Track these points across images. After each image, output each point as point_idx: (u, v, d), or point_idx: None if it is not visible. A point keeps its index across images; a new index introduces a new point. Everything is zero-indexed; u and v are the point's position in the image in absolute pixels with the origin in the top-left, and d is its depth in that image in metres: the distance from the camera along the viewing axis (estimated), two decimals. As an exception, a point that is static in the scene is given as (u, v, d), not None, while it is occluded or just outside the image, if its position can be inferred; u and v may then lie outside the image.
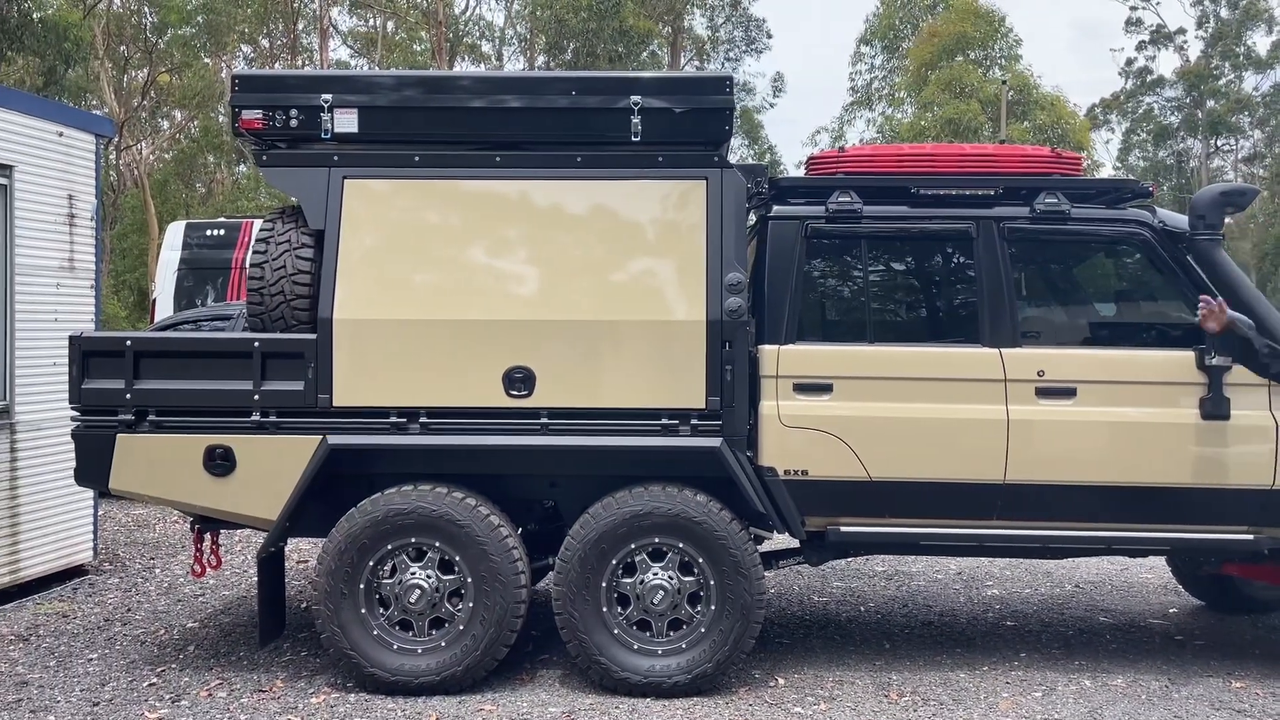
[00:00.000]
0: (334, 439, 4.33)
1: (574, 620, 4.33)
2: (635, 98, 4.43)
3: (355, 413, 4.36)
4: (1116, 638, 5.28)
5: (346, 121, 4.46)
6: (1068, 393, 4.43)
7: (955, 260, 4.74)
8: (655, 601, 4.35)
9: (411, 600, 4.32)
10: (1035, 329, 4.66)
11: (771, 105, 36.45)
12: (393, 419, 4.36)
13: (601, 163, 4.48)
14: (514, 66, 32.56)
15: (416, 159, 4.50)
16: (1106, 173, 36.68)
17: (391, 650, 4.33)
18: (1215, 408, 4.32)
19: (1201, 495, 4.38)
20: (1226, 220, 4.57)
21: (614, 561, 4.37)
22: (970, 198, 4.60)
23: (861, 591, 6.23)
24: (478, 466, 4.46)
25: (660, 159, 4.49)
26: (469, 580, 4.33)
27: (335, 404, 4.34)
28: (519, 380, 4.34)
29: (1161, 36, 41.90)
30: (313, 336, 4.35)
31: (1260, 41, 40.10)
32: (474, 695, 4.30)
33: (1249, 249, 37.74)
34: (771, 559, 4.85)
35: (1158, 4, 49.01)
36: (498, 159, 4.50)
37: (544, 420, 4.36)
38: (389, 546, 4.34)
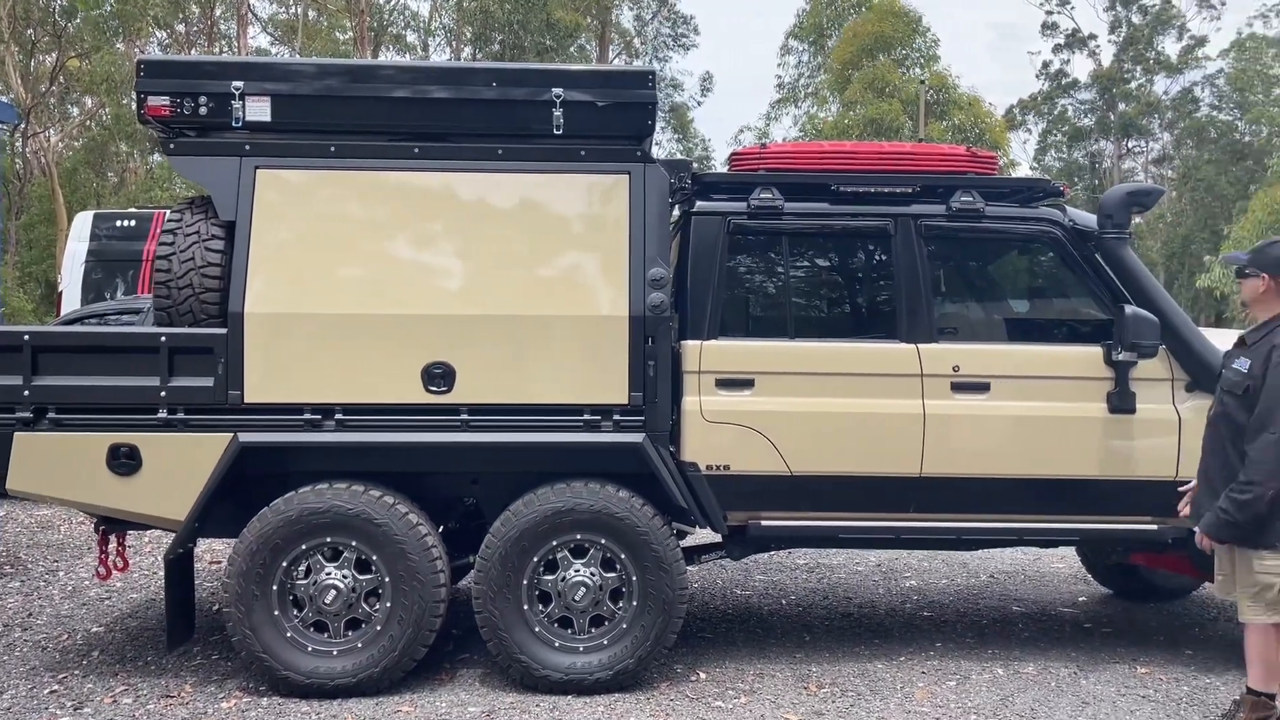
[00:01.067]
0: (245, 437, 4.21)
1: (494, 619, 4.28)
2: (557, 91, 4.39)
3: (268, 410, 4.24)
4: (1028, 626, 5.42)
5: (259, 110, 4.34)
6: (982, 387, 4.51)
7: (874, 257, 4.80)
8: (577, 598, 4.33)
9: (327, 601, 4.23)
10: (951, 325, 4.74)
11: (699, 104, 36.63)
12: (307, 416, 4.25)
13: (523, 156, 4.43)
14: (440, 58, 32.16)
15: (332, 149, 4.39)
16: (1024, 172, 37.64)
17: (306, 652, 4.23)
18: (1122, 402, 4.45)
19: (1109, 487, 4.51)
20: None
21: (535, 559, 4.33)
22: (889, 195, 4.65)
23: (783, 584, 6.29)
24: (396, 464, 4.38)
25: (583, 153, 4.46)
26: (386, 580, 4.25)
27: (246, 401, 4.22)
28: (438, 376, 4.27)
29: (1076, 41, 43.21)
30: (223, 331, 4.22)
31: (1170, 46, 41.64)
32: (392, 696, 4.23)
33: (1158, 248, 39.11)
34: (694, 554, 4.87)
35: (1072, 9, 50.35)
36: (416, 150, 4.42)
37: (464, 417, 4.30)
38: (303, 546, 4.24)
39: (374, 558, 4.25)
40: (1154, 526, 4.54)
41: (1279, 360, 3.64)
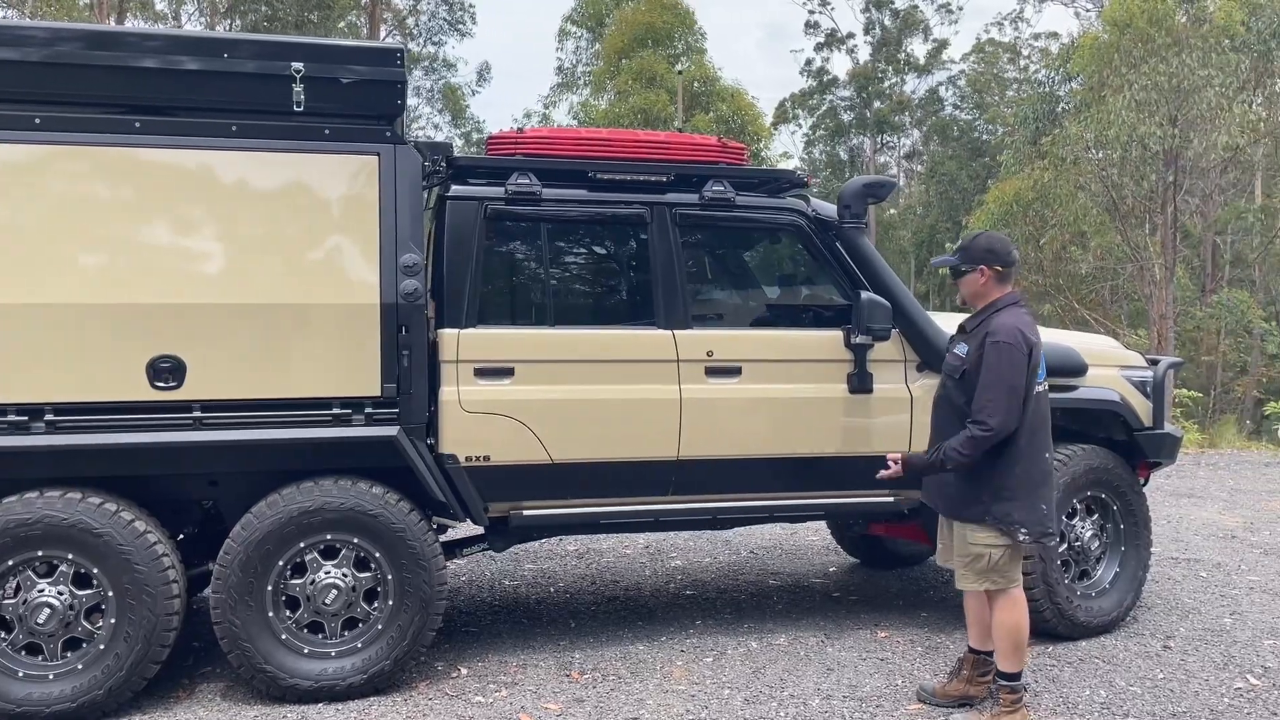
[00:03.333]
0: (-66, 443, 3.73)
1: (235, 628, 4.01)
2: (297, 65, 4.12)
3: (-39, 411, 3.77)
4: (782, 599, 5.67)
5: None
6: (734, 371, 4.65)
7: (631, 245, 4.83)
8: (328, 601, 4.13)
9: (40, 621, 3.83)
10: (705, 311, 4.85)
11: (477, 92, 35.99)
12: (11, 417, 3.82)
13: (259, 133, 4.14)
14: (193, 28, 29.97)
15: (37, 121, 3.94)
16: (794, 165, 39.51)
17: (16, 678, 3.82)
18: (860, 382, 4.71)
19: (850, 463, 4.75)
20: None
21: (281, 563, 4.10)
22: (644, 183, 4.70)
23: (553, 572, 6.28)
24: (119, 467, 4.01)
25: (327, 131, 4.22)
26: (110, 594, 3.89)
27: (-65, 402, 3.74)
28: (166, 371, 3.94)
29: (835, 40, 45.74)
30: (-96, 324, 3.71)
31: (919, 48, 44.84)
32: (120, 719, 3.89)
33: (909, 237, 42.14)
34: (455, 548, 4.76)
35: (832, 9, 53.29)
36: (137, 124, 4.04)
37: (197, 414, 3.99)
38: (10, 562, 3.82)
39: (95, 570, 3.89)
40: (891, 499, 4.83)
41: (993, 349, 3.80)
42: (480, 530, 4.67)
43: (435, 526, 4.51)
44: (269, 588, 4.08)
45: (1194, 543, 7.20)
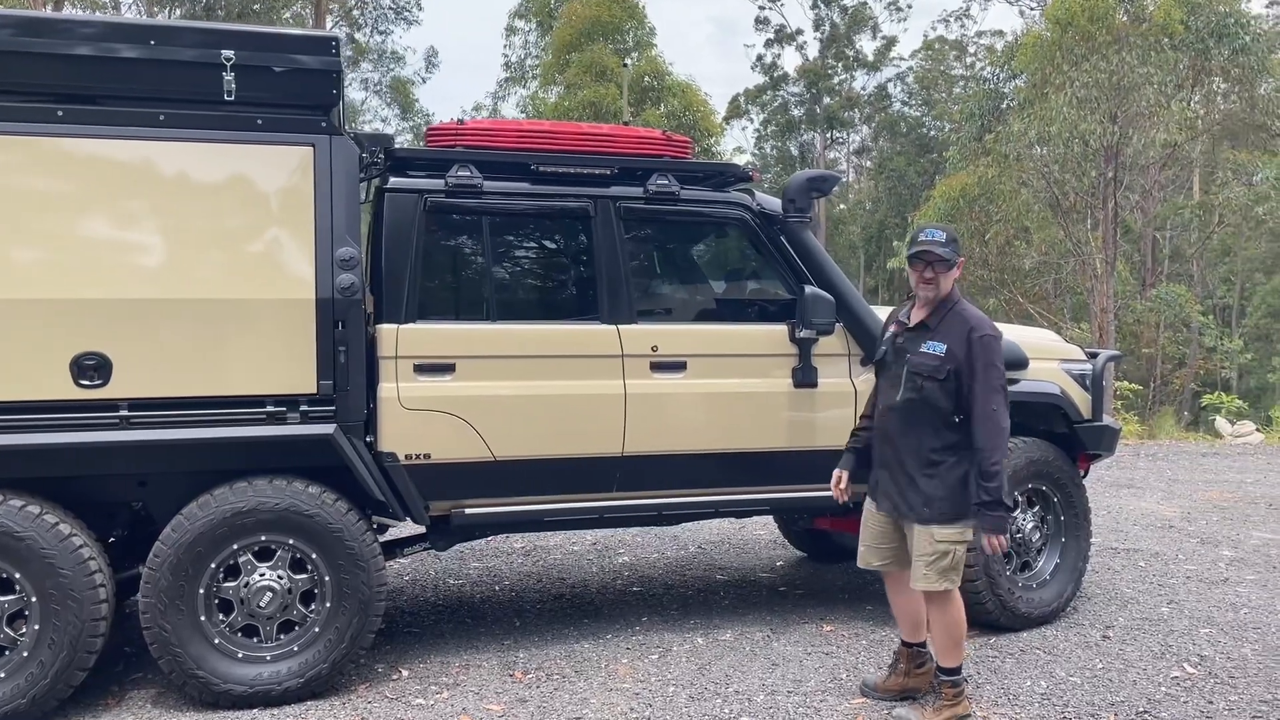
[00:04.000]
0: None
1: (165, 633, 3.89)
2: (227, 53, 4.01)
3: (-128, 412, 3.61)
4: (729, 594, 5.65)
5: None
6: (679, 366, 4.62)
7: (574, 238, 4.78)
8: (263, 604, 4.03)
9: (-42, 629, 3.68)
10: (650, 306, 4.81)
11: (425, 79, 35.56)
12: (-76, 418, 3.66)
13: (189, 123, 4.01)
14: (131, 16, 29.24)
15: (-52, 109, 3.78)
16: (746, 160, 39.63)
17: (-68, 690, 3.67)
18: (805, 377, 4.70)
19: (795, 457, 4.75)
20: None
21: (214, 565, 3.99)
22: (588, 176, 4.64)
23: (498, 570, 6.21)
24: (42, 469, 3.86)
25: (259, 122, 4.11)
26: (33, 600, 3.75)
27: None
28: (91, 368, 3.81)
29: (785, 36, 45.94)
30: None
31: (868, 45, 45.21)
32: (44, 730, 3.75)
33: (858, 232, 42.54)
34: (395, 547, 4.68)
35: (782, 5, 53.54)
36: (60, 113, 3.89)
37: (124, 413, 3.86)
38: (-76, 569, 3.66)
39: (17, 575, 3.74)
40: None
41: (980, 343, 3.75)
42: (422, 529, 4.59)
43: (375, 526, 4.43)
44: (201, 591, 3.97)
45: (1133, 533, 7.32)
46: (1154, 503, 8.66)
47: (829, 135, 46.83)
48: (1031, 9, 33.17)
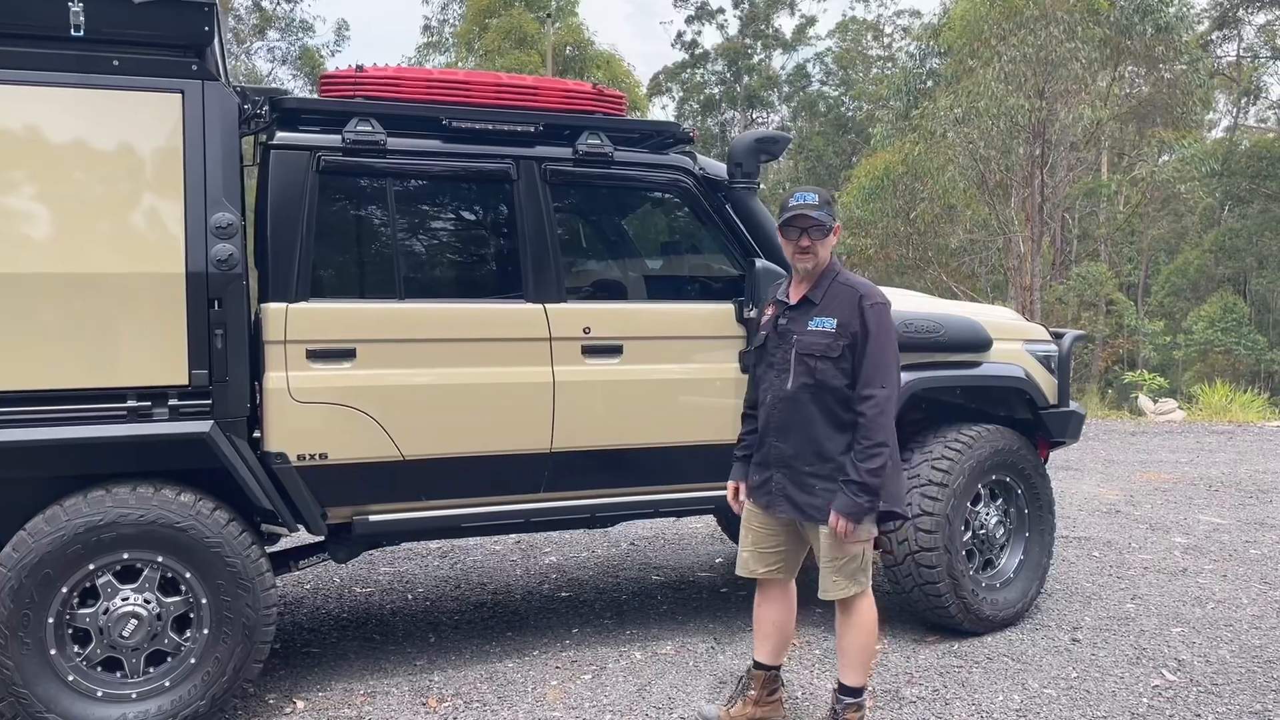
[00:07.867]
0: None
1: (7, 671, 3.26)
2: (73, -23, 3.34)
3: None
4: (667, 597, 5.17)
5: None
6: (614, 350, 4.10)
7: (494, 205, 4.21)
8: (126, 634, 3.41)
9: None
10: (581, 283, 4.28)
11: (336, 52, 34.00)
12: None
13: (24, 62, 3.34)
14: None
15: None
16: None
17: None
18: (754, 362, 4.22)
19: (743, 451, 4.27)
20: (760, 186, 4.44)
21: (65, 589, 3.35)
22: (509, 134, 4.06)
23: (411, 575, 5.63)
24: None
25: (115, 63, 3.45)
26: None
27: None
28: (-100, 357, 3.13)
29: (705, 13, 45.50)
30: None
31: (786, 24, 45.06)
32: None
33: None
34: (288, 559, 4.08)
35: (704, -20, 52.99)
36: None
37: (-55, 411, 3.19)
38: None
39: None
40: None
41: (873, 311, 3.29)
42: (319, 539, 3.99)
43: (263, 536, 3.83)
44: (50, 620, 3.34)
45: (1080, 519, 7.07)
46: (1094, 485, 8.46)
47: (749, 114, 46.62)
48: (950, -12, 33.24)
